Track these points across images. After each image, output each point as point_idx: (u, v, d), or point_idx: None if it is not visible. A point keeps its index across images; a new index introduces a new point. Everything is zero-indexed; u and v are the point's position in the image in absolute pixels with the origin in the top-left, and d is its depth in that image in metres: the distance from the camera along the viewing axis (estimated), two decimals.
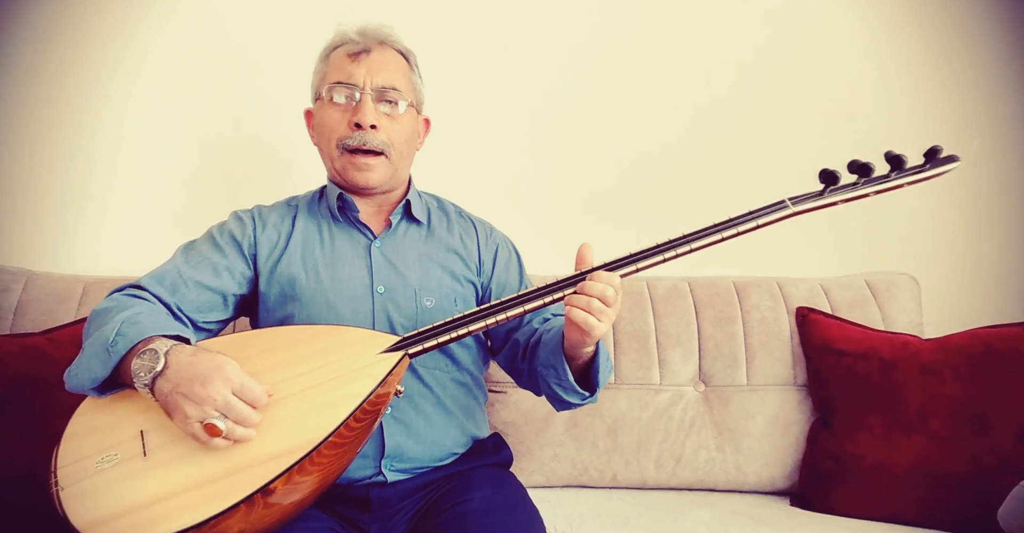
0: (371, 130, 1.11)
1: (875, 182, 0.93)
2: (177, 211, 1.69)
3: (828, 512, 1.33)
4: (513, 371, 1.20)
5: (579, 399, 1.05)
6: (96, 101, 1.65)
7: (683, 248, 0.94)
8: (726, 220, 0.94)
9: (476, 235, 1.25)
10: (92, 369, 0.90)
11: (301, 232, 1.17)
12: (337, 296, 1.10)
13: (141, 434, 0.88)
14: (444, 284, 1.16)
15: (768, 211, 0.94)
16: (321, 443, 0.84)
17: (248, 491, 0.81)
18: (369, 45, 1.13)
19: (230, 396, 0.84)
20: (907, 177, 0.92)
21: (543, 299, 0.95)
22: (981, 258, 1.73)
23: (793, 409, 1.45)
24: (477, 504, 1.00)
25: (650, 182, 1.76)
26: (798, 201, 0.94)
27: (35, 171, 1.64)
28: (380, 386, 0.90)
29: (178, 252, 1.13)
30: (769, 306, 1.51)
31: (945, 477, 1.26)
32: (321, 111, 1.15)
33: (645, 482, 1.44)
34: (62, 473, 0.86)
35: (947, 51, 1.71)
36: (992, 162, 1.72)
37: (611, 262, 0.95)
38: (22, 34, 1.62)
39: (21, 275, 1.46)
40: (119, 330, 0.91)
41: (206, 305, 1.09)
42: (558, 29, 1.74)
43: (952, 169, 0.92)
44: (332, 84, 1.12)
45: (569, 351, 1.00)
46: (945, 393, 1.31)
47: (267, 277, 1.13)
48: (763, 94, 1.75)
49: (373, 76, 1.11)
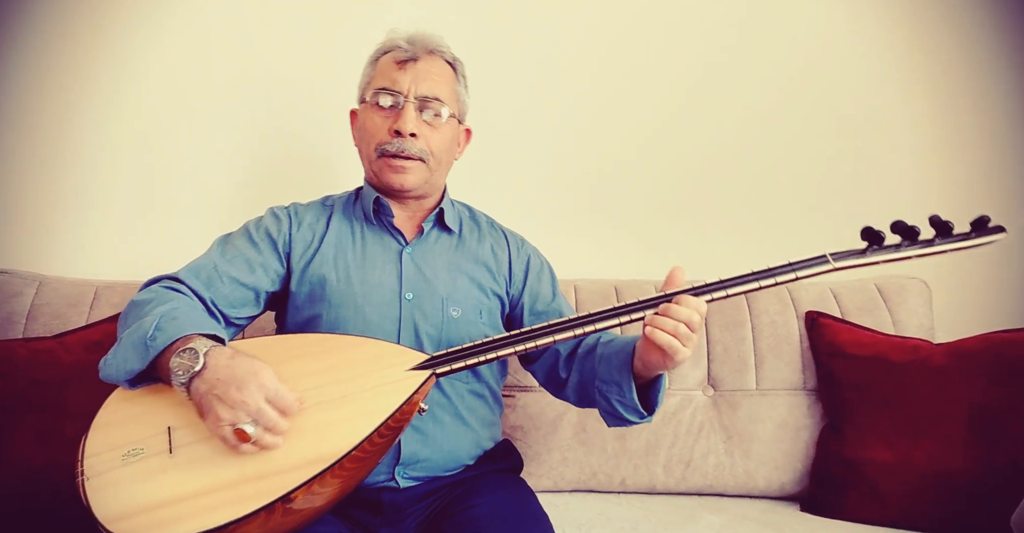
0: (410, 138, 1.11)
1: (919, 246, 0.92)
2: (189, 215, 1.69)
3: (838, 517, 1.32)
4: (551, 381, 1.19)
5: (637, 418, 1.05)
6: (106, 105, 1.66)
7: (719, 293, 0.94)
8: (765, 269, 0.94)
9: (508, 247, 1.25)
10: (128, 361, 0.91)
11: (335, 233, 1.17)
12: (366, 300, 1.10)
13: (168, 430, 0.89)
14: (471, 295, 1.16)
15: (808, 264, 0.94)
16: (344, 456, 0.85)
17: (269, 499, 0.81)
18: (417, 53, 1.14)
19: (263, 403, 0.84)
20: (952, 244, 0.91)
21: (595, 325, 0.94)
22: (992, 262, 1.72)
23: (803, 414, 1.45)
24: (486, 509, 1.00)
25: (678, 187, 1.76)
26: (839, 257, 0.94)
27: (47, 176, 1.65)
28: (406, 404, 0.91)
29: (214, 245, 1.14)
30: (778, 310, 1.50)
31: (957, 482, 1.25)
32: (364, 114, 1.16)
33: (654, 487, 1.44)
34: (88, 462, 0.87)
35: (950, 51, 1.71)
36: (1002, 166, 1.71)
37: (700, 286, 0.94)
38: (22, 34, 1.63)
39: (33, 280, 1.47)
40: (158, 325, 0.91)
41: (239, 301, 1.10)
42: (586, 33, 1.74)
43: (998, 240, 0.91)
44: (377, 89, 1.13)
45: (639, 370, 1.00)
46: (956, 398, 1.30)
47: (299, 276, 1.13)
48: (790, 98, 1.74)
49: (418, 84, 1.12)
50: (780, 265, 0.94)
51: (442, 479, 1.10)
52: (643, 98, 1.75)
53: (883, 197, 1.74)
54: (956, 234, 0.91)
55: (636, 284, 1.56)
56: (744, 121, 1.75)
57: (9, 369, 1.23)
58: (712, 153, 1.76)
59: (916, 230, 0.90)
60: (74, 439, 1.18)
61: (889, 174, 1.75)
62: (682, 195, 1.77)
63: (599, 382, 1.06)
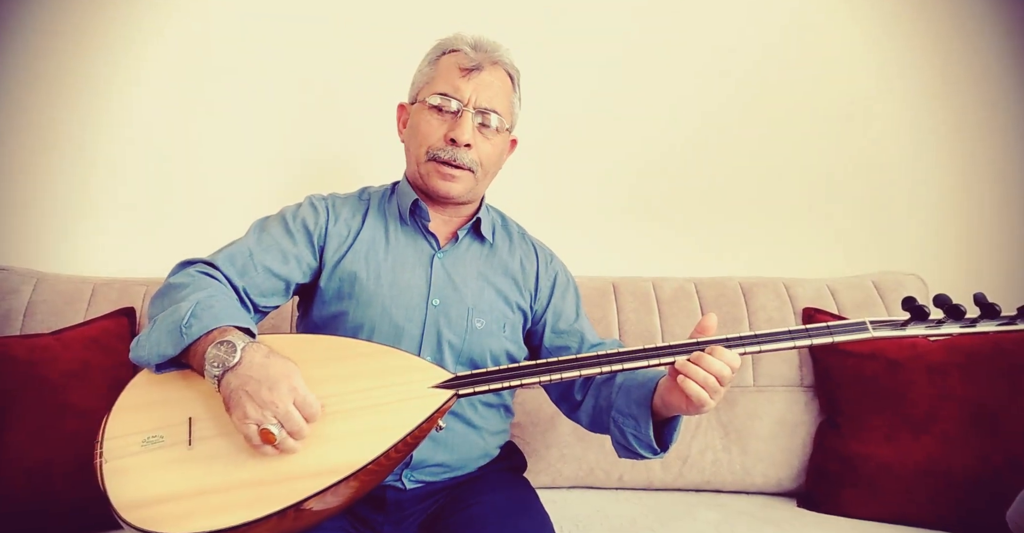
0: (464, 148, 1.10)
1: (962, 324, 0.89)
2: (186, 213, 1.69)
3: (835, 513, 1.32)
4: (565, 400, 1.18)
5: (651, 454, 1.03)
6: (106, 102, 1.66)
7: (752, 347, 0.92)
8: (802, 329, 0.93)
9: (537, 261, 1.24)
10: (162, 345, 0.91)
11: (370, 230, 1.16)
12: (393, 302, 1.10)
13: (190, 421, 0.89)
14: (496, 307, 1.16)
15: (848, 330, 0.93)
16: (361, 469, 0.85)
17: (283, 505, 0.82)
18: (482, 63, 1.12)
19: (291, 406, 0.84)
20: (995, 327, 0.89)
21: (623, 364, 0.93)
22: (989, 258, 1.72)
23: (800, 410, 1.45)
24: (487, 507, 1.01)
25: (673, 187, 1.76)
26: (879, 326, 0.92)
27: (44, 173, 1.65)
28: (426, 422, 0.91)
29: (251, 231, 1.12)
30: (776, 306, 1.51)
31: (953, 478, 1.26)
32: (419, 115, 1.13)
33: (651, 483, 1.44)
34: (108, 445, 0.87)
35: (950, 54, 1.71)
36: (999, 162, 1.71)
37: (733, 337, 0.93)
38: (22, 32, 1.62)
39: (31, 277, 1.47)
40: (193, 311, 0.91)
41: (269, 290, 1.09)
42: (600, 33, 1.73)
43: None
44: (438, 93, 1.11)
45: (658, 408, 0.99)
46: (953, 394, 1.30)
47: (330, 271, 1.13)
48: (814, 100, 1.74)
49: (479, 95, 1.11)
50: (818, 326, 0.92)
51: (446, 481, 1.11)
52: (663, 96, 1.75)
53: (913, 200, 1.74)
54: (1002, 317, 0.88)
55: (631, 281, 1.57)
56: (769, 122, 1.75)
57: (7, 366, 1.23)
58: (725, 156, 1.76)
59: (962, 310, 0.87)
60: (73, 435, 1.19)
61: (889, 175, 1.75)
62: (699, 192, 1.77)
63: (615, 413, 1.04)
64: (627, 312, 1.50)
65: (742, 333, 0.92)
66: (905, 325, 0.92)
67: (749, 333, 0.92)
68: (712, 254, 1.76)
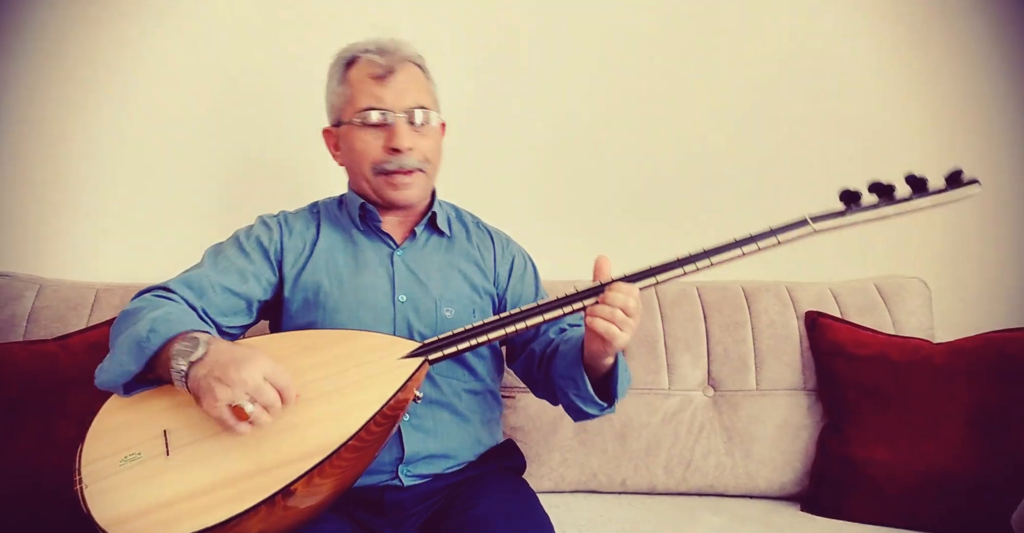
0: (408, 152, 1.10)
1: (896, 204, 0.93)
2: (189, 218, 1.70)
3: (839, 517, 1.32)
4: (529, 381, 1.21)
5: (597, 410, 1.06)
6: (107, 108, 1.67)
7: (703, 262, 0.95)
8: (746, 237, 0.95)
9: (493, 246, 1.25)
10: (124, 364, 0.91)
11: (326, 239, 1.17)
12: (360, 304, 1.11)
13: (164, 434, 0.89)
14: (464, 294, 1.17)
15: (789, 229, 0.95)
16: (341, 447, 0.86)
17: (269, 492, 0.82)
18: (393, 65, 1.10)
19: (261, 380, 0.84)
20: (929, 200, 0.93)
21: (563, 309, 0.96)
22: (992, 261, 1.72)
23: (803, 414, 1.45)
24: (487, 509, 1.01)
25: (672, 189, 1.76)
26: (819, 219, 0.95)
27: (47, 179, 1.65)
28: (400, 391, 0.92)
29: (206, 256, 1.14)
30: (778, 310, 1.51)
31: (957, 482, 1.25)
32: (351, 135, 1.12)
33: (654, 487, 1.44)
34: (86, 470, 0.87)
35: (954, 58, 1.70)
36: (1001, 165, 1.71)
37: (631, 274, 0.96)
38: (22, 37, 1.63)
39: (33, 283, 1.48)
40: (152, 327, 0.91)
41: (231, 310, 1.09)
42: (583, 31, 1.73)
43: (974, 194, 0.92)
44: (362, 110, 1.10)
45: (589, 362, 1.01)
46: (957, 397, 1.30)
47: (291, 284, 1.14)
48: (791, 103, 1.74)
49: (402, 97, 1.10)
50: (762, 232, 0.95)
51: (445, 477, 1.10)
52: (645, 97, 1.75)
53: None
54: (932, 190, 0.93)
55: None
56: (736, 119, 1.74)
57: (10, 372, 1.23)
58: (701, 151, 1.75)
59: (892, 188, 0.91)
60: (76, 441, 1.19)
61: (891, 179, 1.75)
62: (678, 196, 1.76)
63: (557, 379, 1.07)
64: None
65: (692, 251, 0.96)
66: (844, 214, 0.94)
67: (699, 250, 0.95)
68: None
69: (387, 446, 1.06)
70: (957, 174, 0.92)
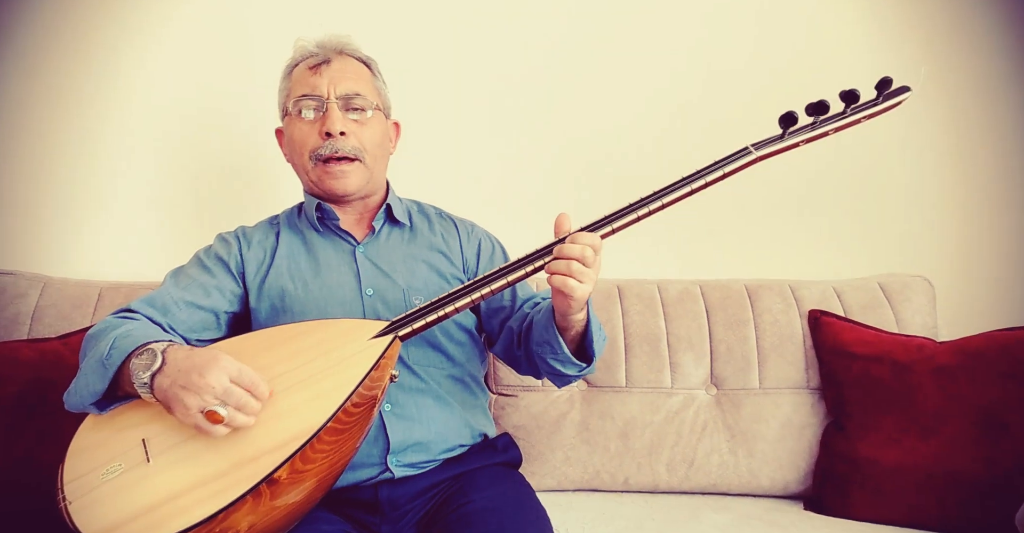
0: (341, 137, 1.12)
1: (832, 120, 0.94)
2: (193, 215, 1.70)
3: (842, 516, 1.32)
4: (511, 360, 1.21)
5: (576, 370, 1.07)
6: (109, 105, 1.67)
7: (655, 204, 0.95)
8: (693, 172, 0.96)
9: (457, 233, 1.26)
10: (91, 384, 0.92)
11: (285, 246, 1.19)
12: (328, 303, 1.12)
13: (143, 443, 0.90)
14: (431, 282, 1.17)
15: (733, 159, 0.96)
16: (320, 429, 0.86)
17: (253, 482, 0.82)
18: (328, 55, 1.15)
19: (228, 383, 0.85)
20: (863, 111, 0.94)
21: (524, 269, 0.97)
22: (996, 260, 1.71)
23: (806, 412, 1.44)
24: (483, 504, 1.01)
25: (641, 178, 1.75)
26: (760, 146, 0.95)
27: (50, 178, 1.66)
28: (374, 369, 0.93)
29: (167, 278, 1.15)
30: (781, 309, 1.50)
31: (961, 481, 1.25)
32: (290, 126, 1.16)
33: (657, 486, 1.44)
34: (69, 488, 0.87)
35: (951, 55, 1.70)
36: (1006, 162, 1.70)
37: (587, 225, 0.96)
38: (23, 36, 1.64)
39: (38, 281, 1.48)
40: (113, 344, 0.93)
41: (199, 325, 1.11)
42: (541, 23, 1.73)
43: (905, 99, 0.93)
44: (298, 98, 1.14)
45: (560, 322, 1.01)
46: (961, 396, 1.29)
47: (256, 293, 1.15)
48: (755, 89, 1.73)
49: (336, 85, 1.13)
50: (707, 166, 0.95)
51: (440, 470, 1.11)
52: (609, 87, 1.73)
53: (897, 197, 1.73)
54: (864, 102, 0.93)
55: (636, 283, 1.56)
56: (713, 111, 1.73)
57: (15, 370, 1.24)
58: (680, 144, 1.74)
59: (826, 104, 0.91)
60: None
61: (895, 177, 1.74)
62: (648, 184, 1.75)
63: (535, 347, 1.08)
64: (632, 314, 1.50)
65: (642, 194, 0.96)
66: (783, 136, 0.95)
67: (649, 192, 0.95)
68: (717, 256, 1.75)
69: (372, 438, 1.07)
70: (886, 82, 0.92)
